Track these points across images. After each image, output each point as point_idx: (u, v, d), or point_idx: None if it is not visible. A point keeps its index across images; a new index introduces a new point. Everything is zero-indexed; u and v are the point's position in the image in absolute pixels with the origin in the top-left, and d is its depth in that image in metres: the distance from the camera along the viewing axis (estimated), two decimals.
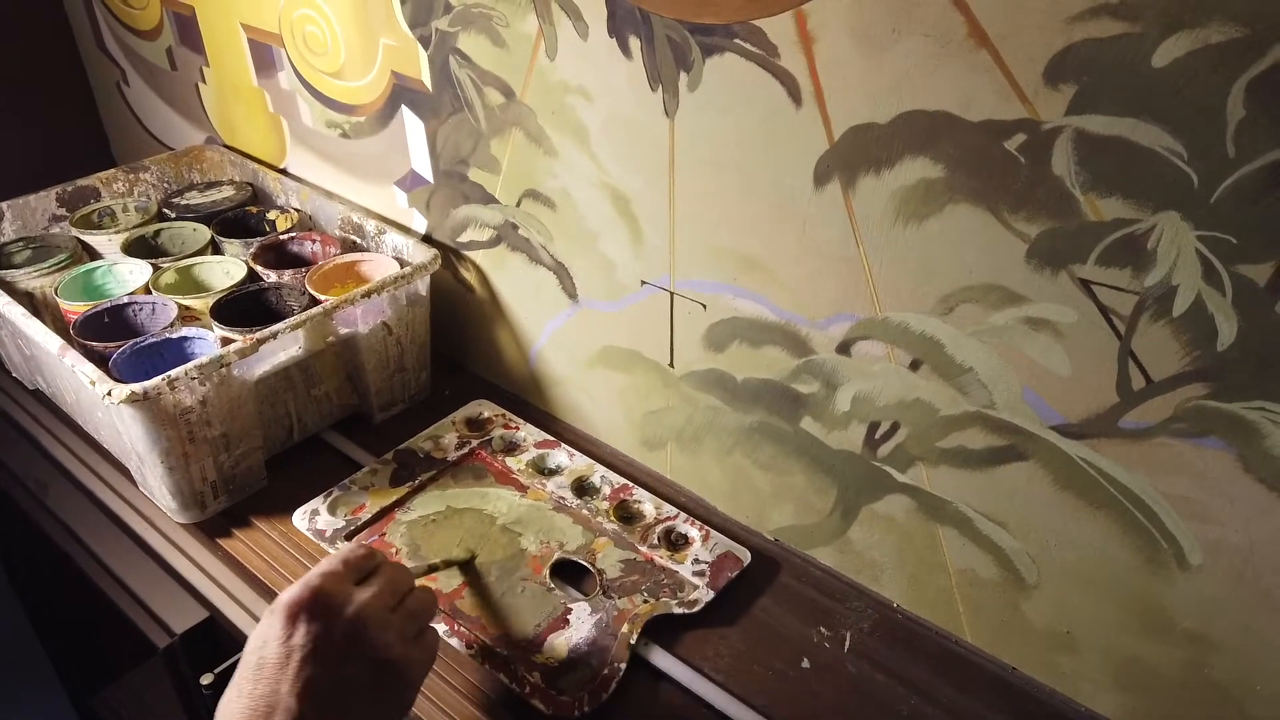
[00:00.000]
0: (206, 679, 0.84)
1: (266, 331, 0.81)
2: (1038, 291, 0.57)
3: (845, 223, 0.64)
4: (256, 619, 0.77)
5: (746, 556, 0.79)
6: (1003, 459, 0.63)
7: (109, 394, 0.73)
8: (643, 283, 0.80)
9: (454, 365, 1.05)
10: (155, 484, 0.83)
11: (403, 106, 0.92)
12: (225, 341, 0.83)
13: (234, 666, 0.84)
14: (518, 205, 0.87)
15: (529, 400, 0.99)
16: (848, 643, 0.73)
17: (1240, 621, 0.57)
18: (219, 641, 0.86)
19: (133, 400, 0.73)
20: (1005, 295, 0.58)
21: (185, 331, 0.85)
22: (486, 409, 0.96)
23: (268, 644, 0.53)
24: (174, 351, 0.85)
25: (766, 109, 0.64)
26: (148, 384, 0.73)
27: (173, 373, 0.75)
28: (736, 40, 0.64)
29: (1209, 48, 0.46)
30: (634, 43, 0.70)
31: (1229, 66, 0.46)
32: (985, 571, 0.68)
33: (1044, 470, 0.62)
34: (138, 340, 0.83)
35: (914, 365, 0.65)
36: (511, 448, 0.92)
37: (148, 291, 0.92)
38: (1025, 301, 0.58)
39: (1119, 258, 0.53)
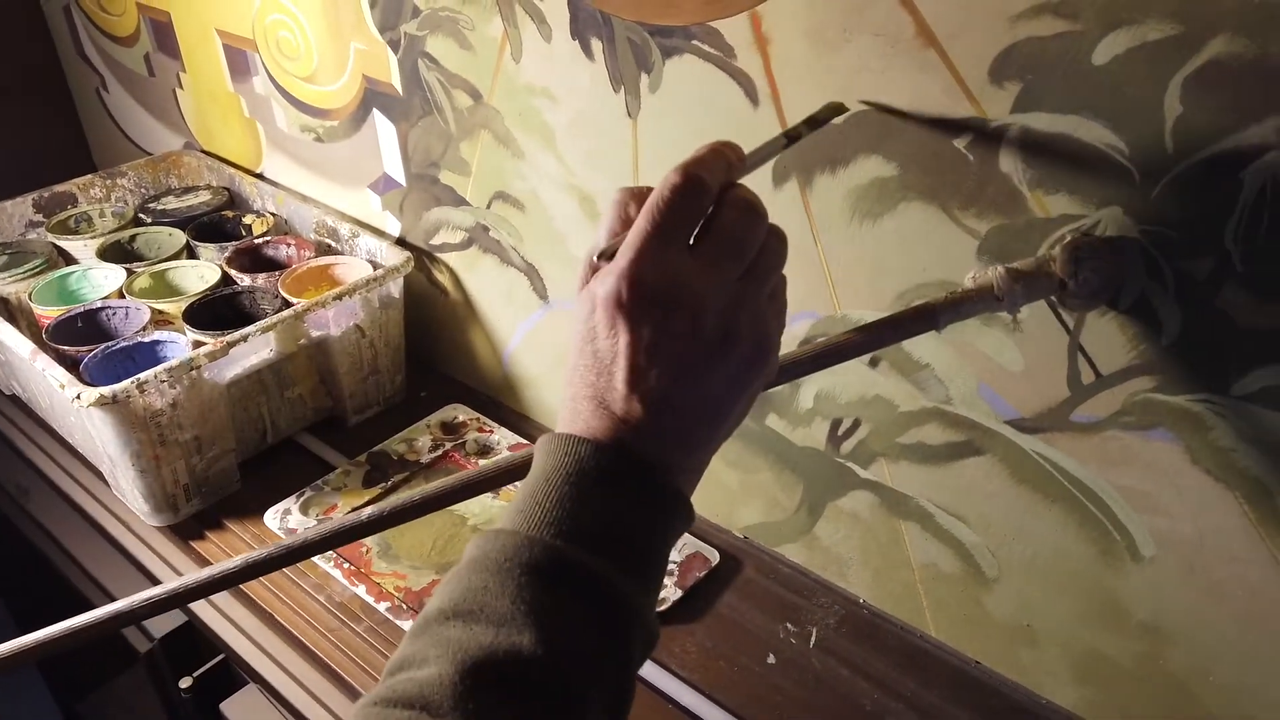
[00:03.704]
0: (185, 682, 0.84)
1: (237, 335, 0.81)
2: None
3: (804, 222, 0.65)
4: (232, 621, 0.78)
5: (715, 557, 0.79)
6: (961, 454, 0.64)
7: (78, 397, 0.74)
8: None
9: (429, 367, 1.05)
10: (128, 487, 0.83)
11: (374, 110, 0.92)
12: (197, 345, 0.83)
13: (213, 670, 0.85)
14: (488, 207, 0.87)
15: (503, 401, 0.99)
16: (814, 638, 0.73)
17: (1192, 612, 0.57)
18: (197, 644, 0.86)
19: (102, 403, 0.74)
20: None
21: (157, 335, 0.86)
22: (461, 412, 0.97)
23: (597, 337, 0.40)
24: (146, 355, 0.85)
25: (725, 109, 0.65)
26: (117, 387, 0.74)
27: (142, 376, 0.75)
28: (695, 42, 0.64)
29: (1146, 45, 0.47)
30: (596, 45, 0.70)
31: (1165, 63, 0.47)
32: (947, 566, 0.69)
33: (1001, 465, 0.62)
34: (109, 344, 0.84)
35: (873, 362, 0.66)
36: (485, 450, 0.92)
37: (121, 296, 0.92)
38: None
39: None
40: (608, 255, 0.40)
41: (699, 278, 0.39)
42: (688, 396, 0.40)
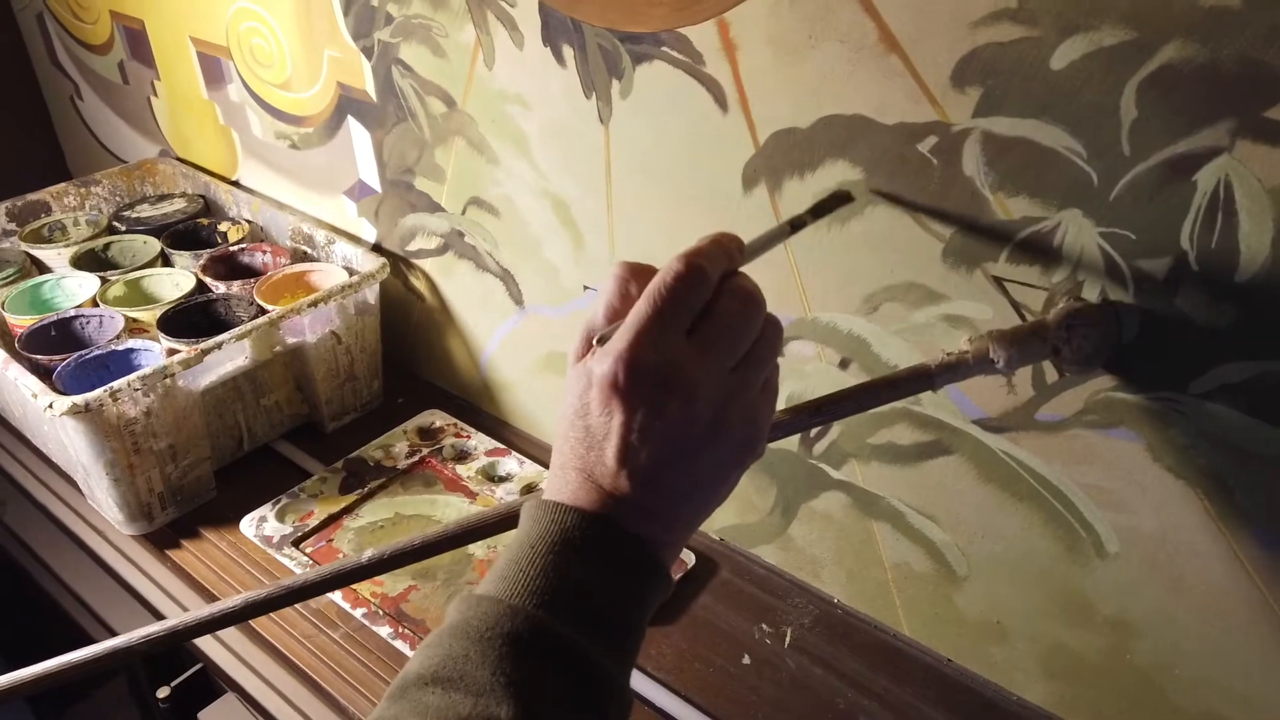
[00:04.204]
0: (163, 692, 0.84)
1: (211, 342, 0.81)
2: (955, 289, 0.58)
3: (773, 225, 0.65)
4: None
5: (691, 559, 0.80)
6: (930, 454, 0.65)
7: (50, 406, 0.74)
8: (585, 287, 0.81)
9: (407, 373, 1.05)
10: (102, 496, 0.83)
11: (349, 117, 0.93)
12: (172, 353, 0.83)
13: (191, 679, 0.85)
14: (463, 213, 0.88)
15: (481, 406, 1.00)
16: (788, 638, 0.74)
17: (1156, 607, 0.58)
18: (176, 653, 0.86)
19: (74, 412, 0.73)
20: (925, 294, 0.60)
21: (131, 343, 0.86)
22: (439, 418, 0.97)
23: (590, 414, 0.41)
24: (120, 364, 0.85)
25: (695, 115, 0.66)
26: (89, 396, 0.74)
27: (115, 384, 0.75)
28: (664, 48, 0.65)
29: (1102, 50, 0.48)
30: (568, 51, 0.71)
31: (1121, 68, 0.48)
32: (919, 565, 0.69)
33: (969, 464, 0.63)
34: (82, 353, 0.83)
35: (843, 364, 0.67)
36: (462, 456, 0.92)
37: (95, 304, 0.92)
38: (944, 299, 0.59)
39: (1028, 255, 0.55)
40: (606, 339, 0.41)
41: (695, 364, 0.40)
42: (677, 478, 0.41)
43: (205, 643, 0.76)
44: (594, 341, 0.42)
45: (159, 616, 0.80)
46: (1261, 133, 0.45)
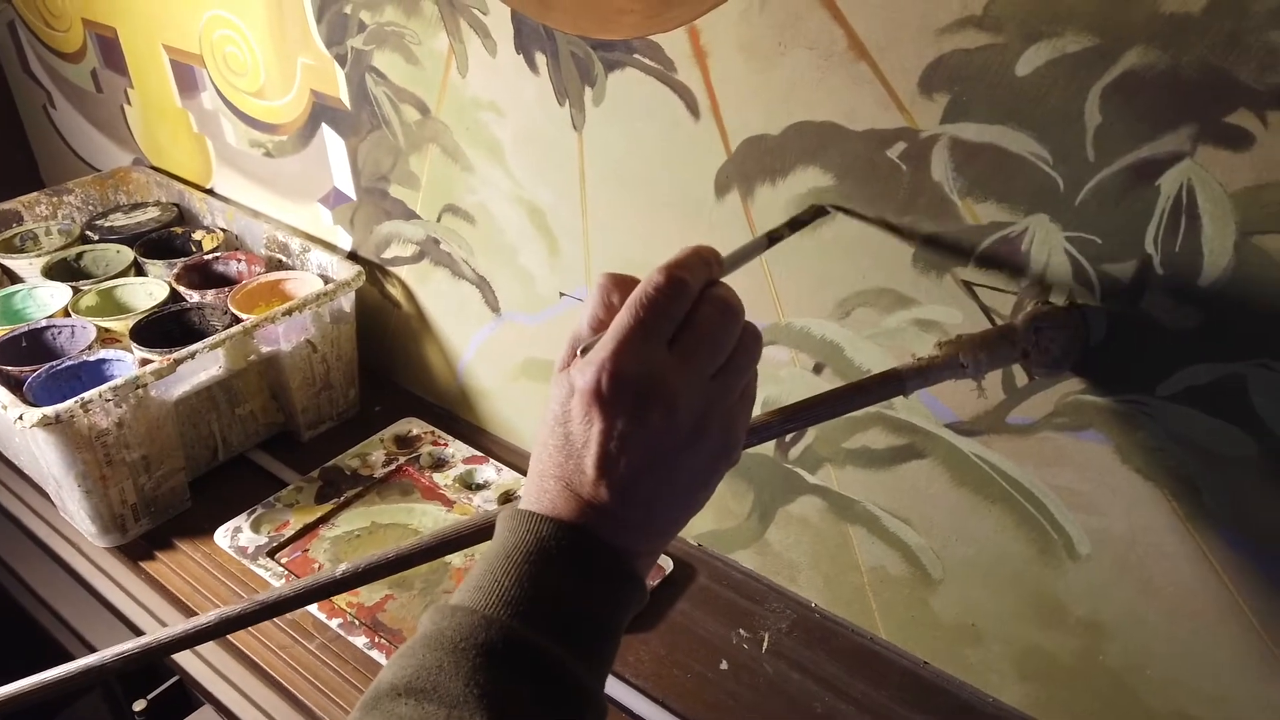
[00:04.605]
0: (139, 705, 0.83)
1: (184, 352, 0.81)
2: (925, 294, 0.59)
3: (746, 231, 0.66)
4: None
5: (668, 565, 0.80)
6: (903, 458, 0.65)
7: (20, 418, 0.73)
8: (561, 294, 0.81)
9: (383, 381, 1.05)
10: (74, 508, 0.82)
11: (323, 124, 0.92)
12: (144, 363, 0.82)
13: (167, 692, 0.84)
14: (439, 220, 0.87)
15: (459, 414, 0.99)
16: (766, 643, 0.74)
17: (1127, 608, 0.59)
18: (152, 666, 0.85)
19: (45, 424, 0.73)
20: (896, 298, 0.60)
21: (104, 354, 0.85)
22: (416, 426, 0.97)
23: (571, 422, 0.41)
24: (92, 374, 0.84)
25: (667, 121, 0.66)
26: (59, 407, 0.73)
27: (86, 395, 0.74)
28: (636, 55, 0.65)
29: (1066, 57, 0.48)
30: (540, 59, 0.71)
31: (1085, 74, 0.48)
32: (894, 568, 0.70)
33: (941, 467, 0.63)
34: (54, 364, 0.83)
35: (817, 369, 0.67)
36: (440, 464, 0.92)
37: (67, 314, 0.91)
38: (915, 304, 0.60)
39: (997, 259, 0.55)
40: (589, 349, 0.41)
41: (676, 373, 0.40)
42: (655, 487, 0.41)
43: (181, 655, 0.76)
44: (578, 351, 0.42)
45: (134, 629, 0.79)
46: (1222, 138, 0.45)
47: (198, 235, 1.06)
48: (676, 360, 0.41)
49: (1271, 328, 0.48)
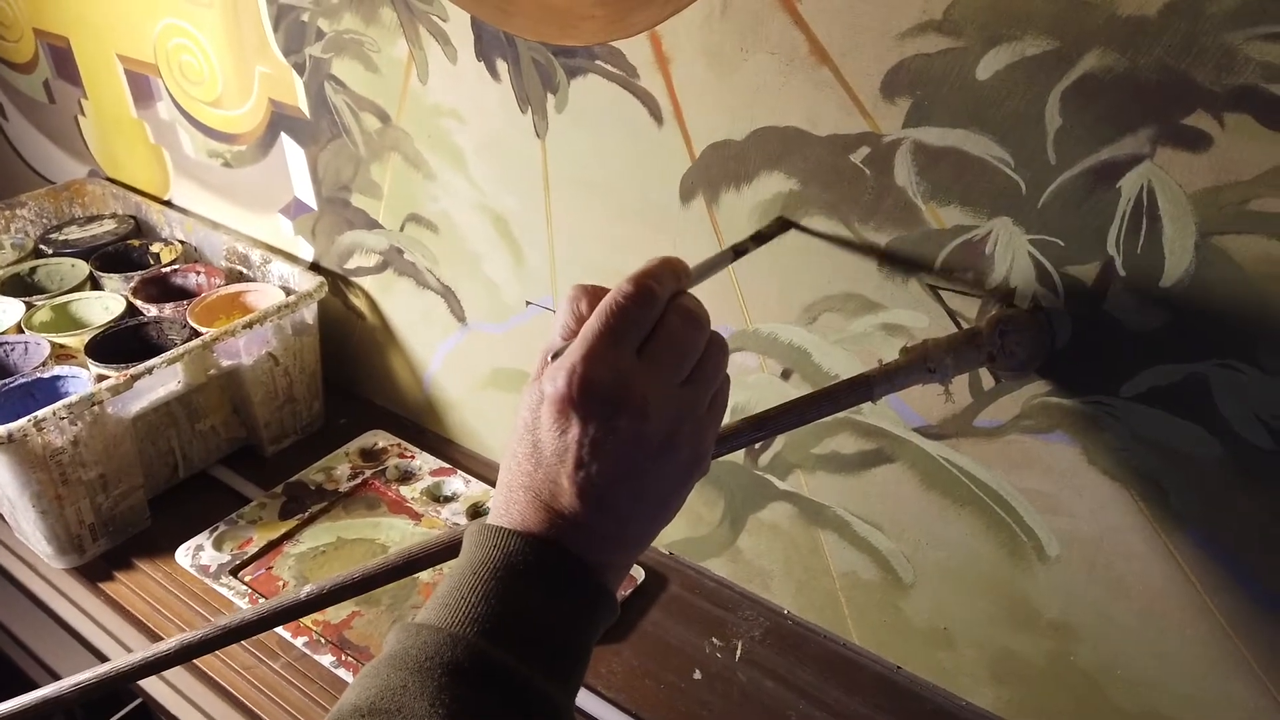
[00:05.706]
0: None
1: (142, 367, 0.79)
2: (891, 298, 0.59)
3: (712, 237, 0.65)
4: None
5: (640, 575, 0.79)
6: (873, 462, 0.65)
7: None
8: (527, 303, 0.80)
9: (348, 394, 1.03)
10: (30, 529, 0.80)
11: (282, 134, 0.91)
12: (101, 379, 0.80)
13: (130, 715, 0.82)
14: (402, 229, 0.86)
15: (425, 426, 0.98)
16: (739, 651, 0.73)
17: (1097, 609, 0.59)
18: (114, 690, 0.83)
19: None
20: (863, 303, 0.60)
21: (58, 370, 0.83)
22: (382, 438, 0.95)
23: (540, 429, 0.41)
24: (46, 392, 0.82)
25: (631, 128, 0.65)
26: (12, 426, 0.71)
27: (39, 413, 0.73)
28: (598, 62, 0.65)
29: (1025, 60, 0.48)
30: (502, 66, 0.70)
31: (1044, 78, 0.48)
32: (866, 573, 0.69)
33: (911, 471, 0.63)
34: (6, 381, 0.80)
35: (785, 375, 0.67)
36: (407, 476, 0.91)
37: (20, 331, 0.89)
38: (881, 309, 0.59)
39: (961, 263, 0.55)
40: (559, 356, 0.41)
41: (644, 379, 0.40)
42: (626, 496, 0.41)
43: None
44: (548, 358, 0.42)
45: (93, 651, 0.77)
46: (1181, 139, 0.46)
47: (155, 248, 1.04)
48: (645, 366, 0.40)
49: (1232, 327, 0.48)
